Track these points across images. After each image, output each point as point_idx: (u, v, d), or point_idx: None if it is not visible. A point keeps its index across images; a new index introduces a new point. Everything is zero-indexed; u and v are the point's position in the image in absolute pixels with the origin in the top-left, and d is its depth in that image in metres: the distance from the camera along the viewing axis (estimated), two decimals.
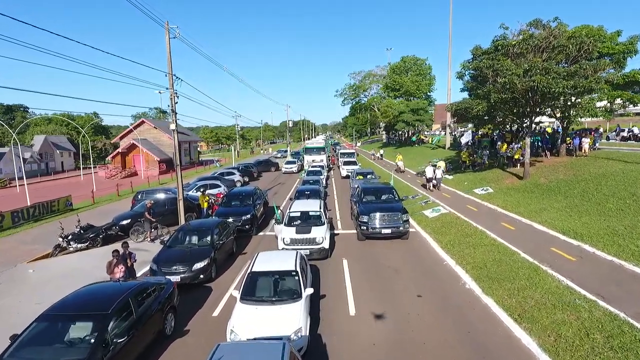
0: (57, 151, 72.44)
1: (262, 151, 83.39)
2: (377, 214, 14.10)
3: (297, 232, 12.57)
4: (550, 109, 21.39)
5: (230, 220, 15.52)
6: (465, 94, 40.32)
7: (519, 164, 24.90)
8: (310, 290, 7.97)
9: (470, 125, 71.42)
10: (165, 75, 15.81)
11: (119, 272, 8.96)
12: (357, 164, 35.00)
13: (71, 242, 14.46)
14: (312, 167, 33.32)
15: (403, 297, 9.83)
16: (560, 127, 26.33)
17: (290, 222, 13.56)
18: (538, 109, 21.04)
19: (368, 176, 24.05)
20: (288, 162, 41.92)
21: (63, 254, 14.43)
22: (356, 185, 20.48)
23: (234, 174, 31.28)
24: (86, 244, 14.81)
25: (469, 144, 39.91)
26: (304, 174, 30.35)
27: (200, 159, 68.87)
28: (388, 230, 13.98)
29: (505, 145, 27.91)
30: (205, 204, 18.44)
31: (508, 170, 24.91)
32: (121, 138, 57.87)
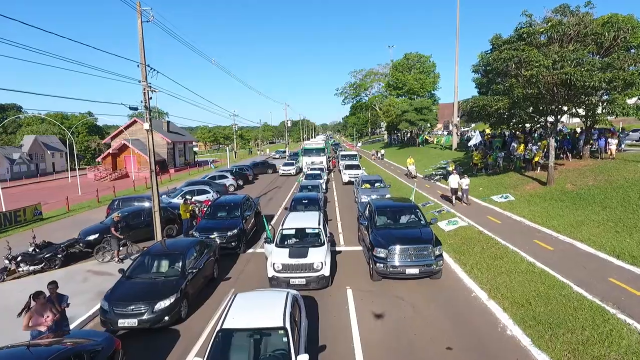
0: (48, 152, 70.10)
1: (259, 152, 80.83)
2: (399, 247, 10.28)
3: (290, 256, 10.21)
4: (576, 106, 19.02)
5: (215, 235, 13.19)
6: (476, 92, 38.10)
7: (538, 168, 22.58)
8: (305, 358, 5.59)
9: (473, 125, 69.55)
10: (138, 66, 13.44)
11: (45, 323, 6.58)
12: (361, 167, 31.88)
13: (21, 264, 12.10)
14: (311, 169, 30.94)
15: (428, 350, 7.46)
16: (572, 128, 23.93)
17: (282, 241, 11.20)
18: (566, 106, 18.70)
19: (376, 184, 20.58)
20: (286, 164, 39.55)
21: (12, 278, 12.06)
22: (364, 200, 17.80)
23: (226, 177, 28.87)
24: (41, 265, 12.45)
25: (477, 144, 37.59)
26: (302, 177, 27.97)
27: (196, 160, 66.42)
28: (414, 270, 10.07)
29: (522, 147, 25.55)
30: (188, 215, 16.06)
31: (527, 174, 22.58)
32: (112, 138, 55.55)
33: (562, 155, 24.94)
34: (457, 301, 9.49)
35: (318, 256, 10.21)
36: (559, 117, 18.80)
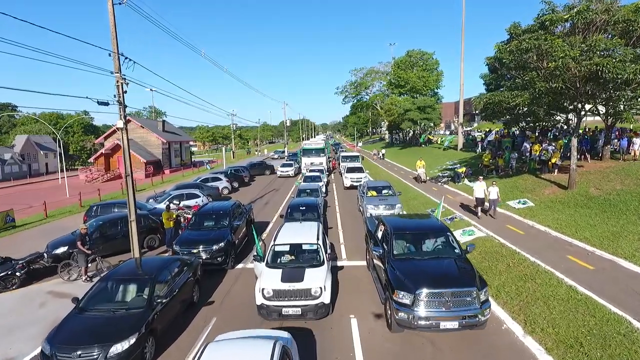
0: (41, 152, 68.36)
1: (257, 152, 78.92)
2: (430, 292, 7.37)
3: (283, 279, 8.48)
4: (601, 103, 17.30)
5: (198, 250, 11.46)
6: (484, 90, 36.38)
7: (556, 170, 20.85)
8: None
9: (475, 125, 67.77)
10: (110, 55, 11.70)
11: None
12: (365, 170, 29.21)
13: None
14: (310, 171, 29.16)
15: None
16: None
17: (274, 259, 9.47)
18: (588, 103, 16.99)
19: (384, 191, 17.78)
20: (284, 165, 37.79)
21: None
22: (372, 211, 15.72)
23: (219, 179, 27.08)
24: None
25: (485, 145, 35.87)
26: (300, 179, 26.22)
27: (192, 160, 64.66)
28: (452, 324, 7.24)
29: (537, 147, 23.82)
30: (172, 223, 14.32)
31: (543, 177, 20.84)
32: (106, 138, 53.70)
33: (579, 156, 23.27)
34: (487, 337, 7.74)
35: (317, 279, 8.49)
36: (583, 114, 17.07)
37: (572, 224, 13.50)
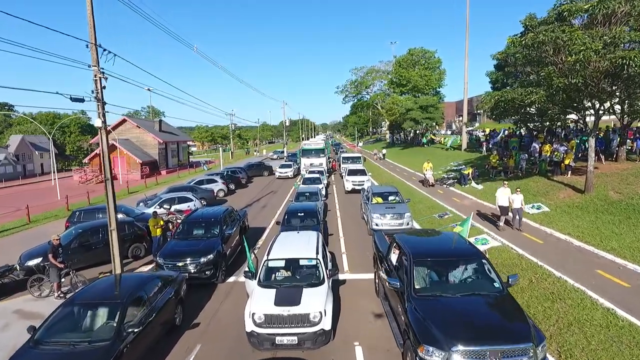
0: (36, 152, 67.13)
1: (255, 153, 77.59)
2: (469, 349, 5.50)
3: (277, 302, 7.33)
4: (623, 100, 16.19)
5: (185, 262, 10.31)
6: (489, 88, 35.25)
7: (569, 172, 19.72)
8: None
9: (477, 124, 66.62)
10: (87, 47, 10.54)
11: None
12: (367, 173, 26.96)
13: None
14: (310, 172, 28.00)
15: None
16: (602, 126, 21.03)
17: (268, 276, 8.32)
18: (608, 101, 15.86)
19: (390, 198, 15.99)
20: (282, 166, 36.62)
21: None
22: (379, 222, 14.12)
23: (215, 181, 25.89)
24: None
25: (491, 145, 34.73)
26: (299, 182, 25.05)
27: (190, 161, 63.49)
28: None
29: (548, 147, 22.67)
30: (159, 231, 13.17)
31: (555, 179, 19.72)
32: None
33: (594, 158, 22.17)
34: None
35: (316, 302, 7.33)
36: (601, 112, 15.94)
37: (595, 232, 12.36)
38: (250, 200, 24.39)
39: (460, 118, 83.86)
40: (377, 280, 9.69)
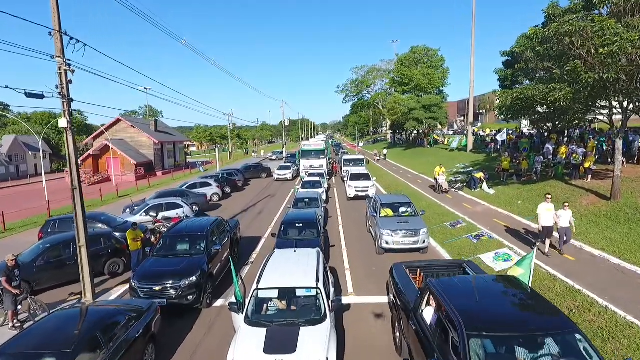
0: (29, 152, 65.64)
1: (253, 154, 75.89)
2: None
3: (267, 348, 5.85)
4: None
5: (163, 286, 8.83)
6: (497, 87, 33.74)
7: (589, 176, 18.24)
8: None
9: (479, 125, 65.30)
10: (50, 35, 9.04)
11: None
12: (372, 178, 24.42)
13: None
14: (310, 175, 26.52)
15: None
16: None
17: (257, 310, 6.85)
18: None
19: (401, 209, 13.81)
20: (281, 168, 35.14)
21: None
22: (388, 238, 11.95)
23: (209, 184, 24.39)
24: None
25: (499, 146, 33.25)
26: (298, 186, 23.56)
27: (187, 162, 61.99)
28: None
29: (564, 149, 21.20)
30: (139, 244, 11.67)
31: (573, 184, 18.24)
32: (95, 138, 51.07)
33: (610, 160, 20.69)
34: None
35: (316, 348, 5.85)
36: (629, 110, 14.45)
37: (632, 247, 10.88)
38: (246, 205, 22.91)
39: (462, 118, 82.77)
40: (397, 334, 7.28)
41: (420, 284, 7.84)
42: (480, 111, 63.42)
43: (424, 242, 12.07)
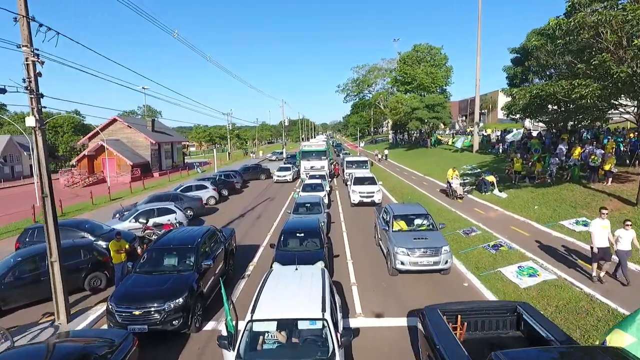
0: (25, 153, 64.42)
1: (252, 154, 74.53)
2: None
3: None
4: None
5: (152, 309, 7.69)
6: (506, 85, 32.60)
7: (610, 179, 17.11)
8: None
9: (481, 124, 64.01)
10: (16, 20, 7.89)
11: None
12: (378, 182, 22.05)
13: None
14: (310, 177, 25.39)
15: None
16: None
17: (251, 347, 5.69)
18: None
19: (416, 221, 11.92)
20: (281, 169, 33.99)
21: None
22: (404, 262, 10.20)
23: (205, 187, 23.23)
24: None
25: (507, 147, 32.13)
26: (298, 190, 22.40)
27: (185, 162, 60.83)
28: None
29: (578, 150, 20.06)
30: (122, 256, 10.50)
31: (593, 187, 17.10)
32: (90, 138, 49.89)
33: (628, 162, 19.60)
34: None
35: None
36: None
37: None
38: (243, 209, 21.77)
39: (464, 118, 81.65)
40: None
41: (462, 335, 6.20)
42: (483, 111, 62.31)
43: (446, 262, 10.32)
